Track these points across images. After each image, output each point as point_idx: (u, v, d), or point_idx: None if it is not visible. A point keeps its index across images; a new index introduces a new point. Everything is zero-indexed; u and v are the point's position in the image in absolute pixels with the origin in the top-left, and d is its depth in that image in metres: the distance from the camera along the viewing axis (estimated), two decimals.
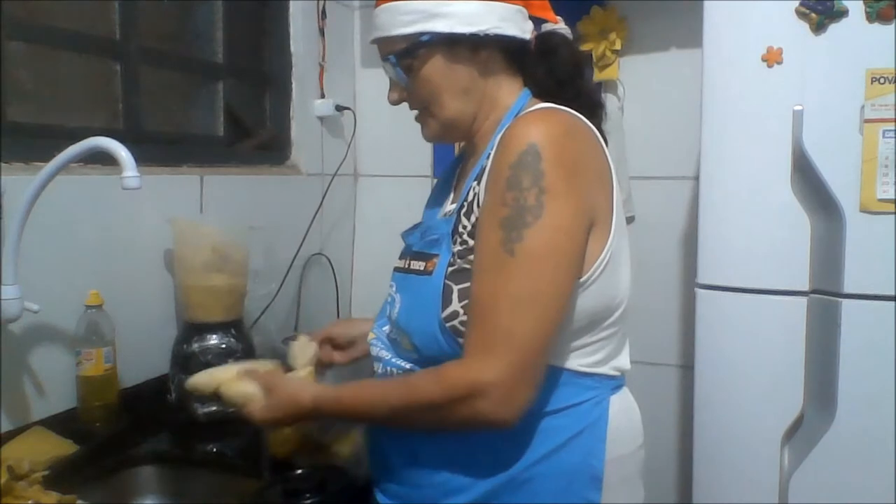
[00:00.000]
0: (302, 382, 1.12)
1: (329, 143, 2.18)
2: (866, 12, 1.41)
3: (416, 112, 1.13)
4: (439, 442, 1.02)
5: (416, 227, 1.16)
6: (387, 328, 1.13)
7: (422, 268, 1.04)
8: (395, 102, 1.12)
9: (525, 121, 0.97)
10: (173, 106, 1.83)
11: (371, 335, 1.15)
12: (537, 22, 1.10)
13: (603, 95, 2.07)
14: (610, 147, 1.05)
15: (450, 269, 0.99)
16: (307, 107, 2.10)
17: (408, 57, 1.04)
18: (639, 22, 2.01)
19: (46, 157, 1.19)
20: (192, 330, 1.47)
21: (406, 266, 1.09)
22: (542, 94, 1.08)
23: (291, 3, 2.05)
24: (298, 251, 1.98)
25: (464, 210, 1.02)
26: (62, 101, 1.50)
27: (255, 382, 1.09)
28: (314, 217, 2.06)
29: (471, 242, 0.98)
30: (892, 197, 1.41)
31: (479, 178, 1.01)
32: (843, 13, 1.42)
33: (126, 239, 1.47)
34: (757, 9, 1.48)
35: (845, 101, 1.43)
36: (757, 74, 1.49)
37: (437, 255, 1.02)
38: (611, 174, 1.01)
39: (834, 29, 1.43)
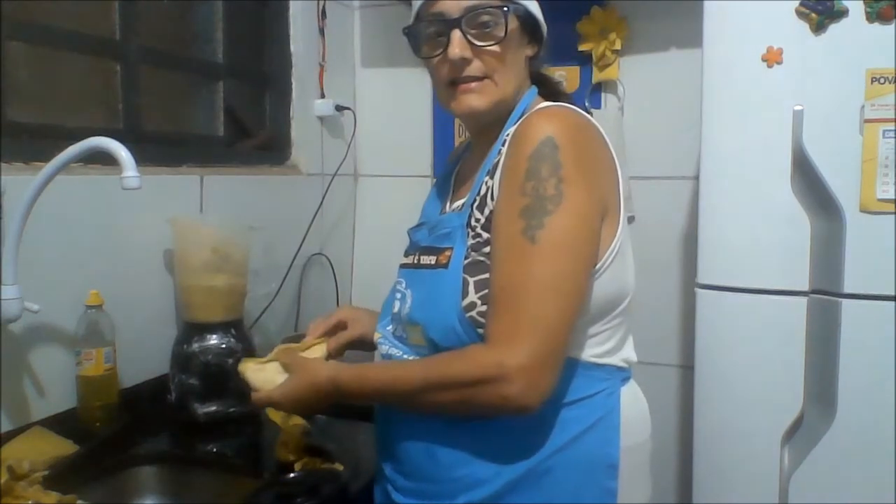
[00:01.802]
0: (318, 361, 1.12)
1: (329, 143, 2.18)
2: (866, 12, 1.41)
3: (451, 86, 1.08)
4: (456, 436, 1.02)
5: (421, 224, 1.18)
6: (391, 327, 1.14)
7: (433, 262, 1.05)
8: (458, 60, 1.04)
9: (538, 116, 1.00)
10: (173, 106, 1.83)
11: (377, 335, 1.15)
12: None
13: (603, 95, 2.08)
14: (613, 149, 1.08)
15: (465, 261, 1.01)
16: (307, 107, 2.10)
17: (504, 16, 1.04)
18: (639, 22, 2.01)
19: (46, 157, 1.19)
20: (192, 330, 1.47)
21: (415, 262, 1.10)
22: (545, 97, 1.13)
23: (291, 3, 2.05)
24: (298, 251, 1.98)
25: (476, 203, 1.04)
26: (62, 101, 1.50)
27: (282, 370, 1.11)
28: (314, 217, 2.05)
29: (485, 235, 1.01)
30: (892, 197, 1.41)
31: (490, 173, 1.04)
32: (843, 13, 1.42)
33: (126, 239, 1.47)
34: (757, 9, 1.48)
35: (845, 101, 1.43)
36: (757, 74, 1.48)
37: (449, 248, 1.03)
38: (616, 169, 1.05)
39: (834, 29, 1.43)
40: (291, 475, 1.18)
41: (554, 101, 1.09)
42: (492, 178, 1.03)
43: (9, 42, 1.33)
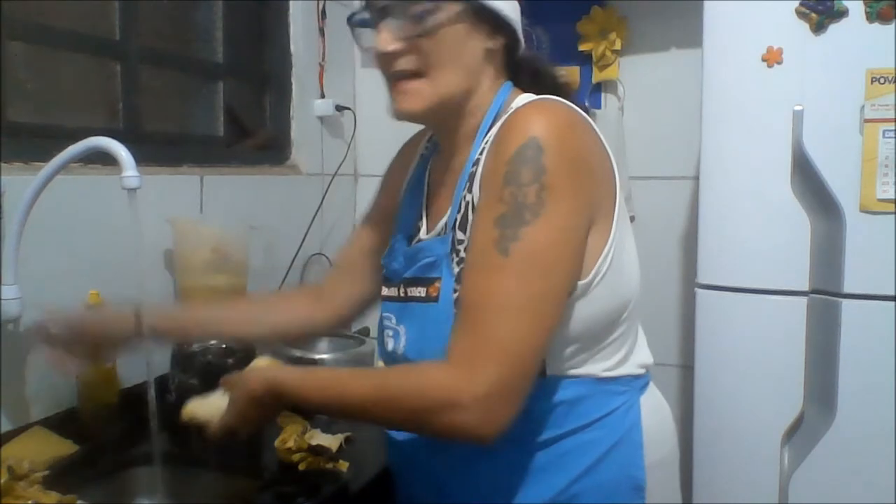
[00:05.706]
0: (255, 371, 0.99)
1: (329, 143, 2.18)
2: (866, 12, 1.41)
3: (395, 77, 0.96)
4: (468, 474, 0.96)
5: (393, 249, 1.07)
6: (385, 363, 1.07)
7: (423, 294, 0.96)
8: (387, 52, 0.93)
9: (524, 112, 0.89)
10: (173, 106, 1.83)
11: (380, 363, 1.10)
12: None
13: (603, 95, 2.08)
14: (608, 147, 1.02)
15: (455, 294, 0.92)
16: (307, 107, 2.10)
17: (435, 7, 0.91)
18: (639, 22, 2.01)
19: (46, 157, 1.19)
20: None
21: (402, 294, 1.00)
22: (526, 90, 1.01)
23: (291, 3, 2.04)
24: (298, 251, 1.98)
25: (458, 223, 0.94)
26: (62, 101, 1.49)
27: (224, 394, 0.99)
28: (314, 217, 2.05)
29: None
30: (892, 197, 1.41)
31: (469, 187, 0.94)
32: (843, 13, 1.42)
33: (126, 239, 1.47)
34: (757, 9, 1.48)
35: (845, 101, 1.44)
36: (757, 74, 1.49)
37: (438, 279, 0.94)
38: (612, 166, 0.95)
39: (834, 29, 1.43)
40: (291, 475, 1.18)
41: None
42: (470, 191, 0.93)
43: (9, 42, 1.33)
